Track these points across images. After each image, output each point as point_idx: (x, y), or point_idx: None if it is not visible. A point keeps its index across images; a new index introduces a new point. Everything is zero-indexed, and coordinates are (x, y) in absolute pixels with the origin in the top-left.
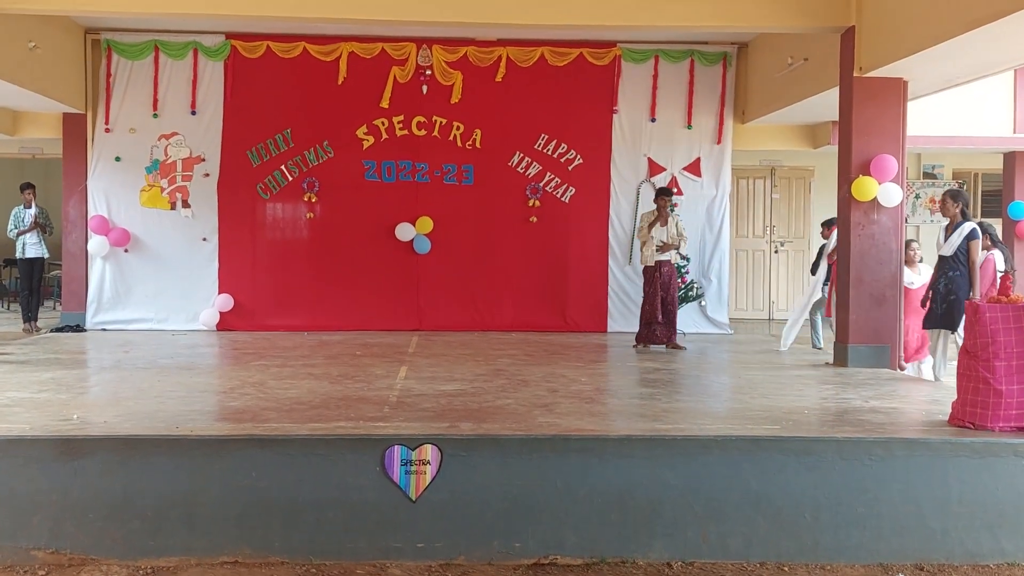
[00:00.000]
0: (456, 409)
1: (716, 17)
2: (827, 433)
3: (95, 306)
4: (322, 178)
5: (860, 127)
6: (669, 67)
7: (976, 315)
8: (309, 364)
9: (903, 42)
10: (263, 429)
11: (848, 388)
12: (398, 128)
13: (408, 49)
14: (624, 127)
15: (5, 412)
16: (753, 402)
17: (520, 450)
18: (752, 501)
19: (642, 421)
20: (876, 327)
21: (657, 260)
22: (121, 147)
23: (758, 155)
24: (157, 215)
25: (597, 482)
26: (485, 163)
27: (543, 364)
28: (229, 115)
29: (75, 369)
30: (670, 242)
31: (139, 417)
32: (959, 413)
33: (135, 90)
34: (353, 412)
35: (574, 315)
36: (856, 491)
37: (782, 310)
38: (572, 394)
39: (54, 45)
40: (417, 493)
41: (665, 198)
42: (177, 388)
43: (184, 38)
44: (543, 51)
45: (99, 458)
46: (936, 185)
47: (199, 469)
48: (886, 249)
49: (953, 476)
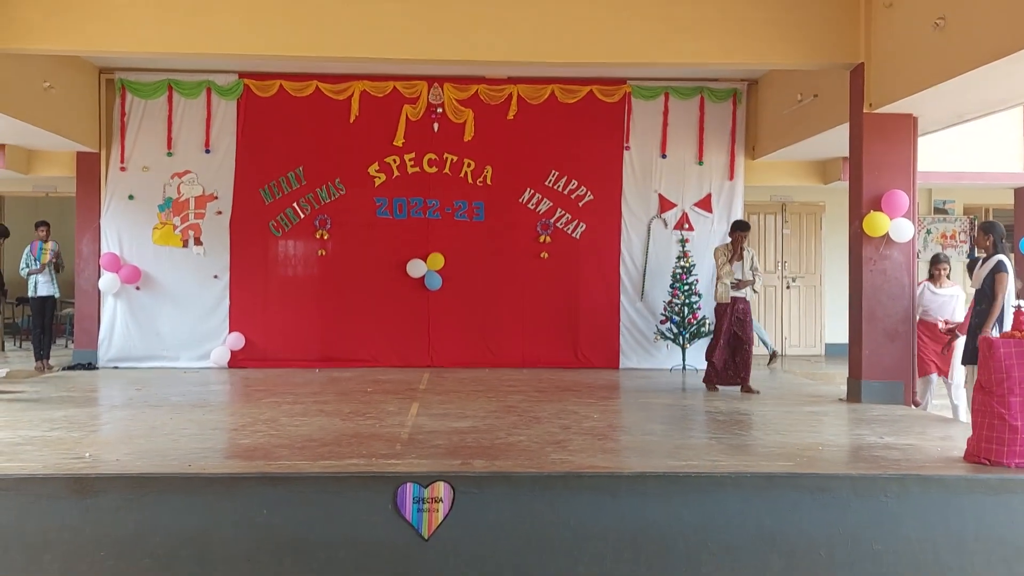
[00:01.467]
0: (468, 446)
1: (725, 54)
2: (841, 470)
3: (107, 344)
4: (334, 215)
5: (871, 163)
6: (679, 104)
7: (990, 350)
8: (321, 401)
9: (913, 78)
10: (275, 467)
11: (862, 424)
12: (409, 165)
13: (419, 87)
14: (635, 163)
15: (17, 450)
16: (766, 438)
17: (533, 487)
18: (767, 538)
19: (655, 458)
20: (889, 363)
21: (732, 296)
22: (134, 185)
23: (769, 191)
24: (169, 252)
25: (610, 520)
26: (496, 200)
27: (555, 400)
28: (242, 153)
29: (87, 407)
30: (744, 278)
31: (151, 455)
32: (974, 449)
33: (148, 129)
34: (365, 449)
35: (586, 351)
36: (871, 528)
37: (794, 346)
38: (585, 431)
39: (69, 85)
40: (430, 531)
41: (741, 233)
42: (189, 426)
43: (197, 77)
44: (553, 88)
45: (111, 496)
46: (947, 220)
47: (211, 507)
48: (898, 284)
49: (969, 513)
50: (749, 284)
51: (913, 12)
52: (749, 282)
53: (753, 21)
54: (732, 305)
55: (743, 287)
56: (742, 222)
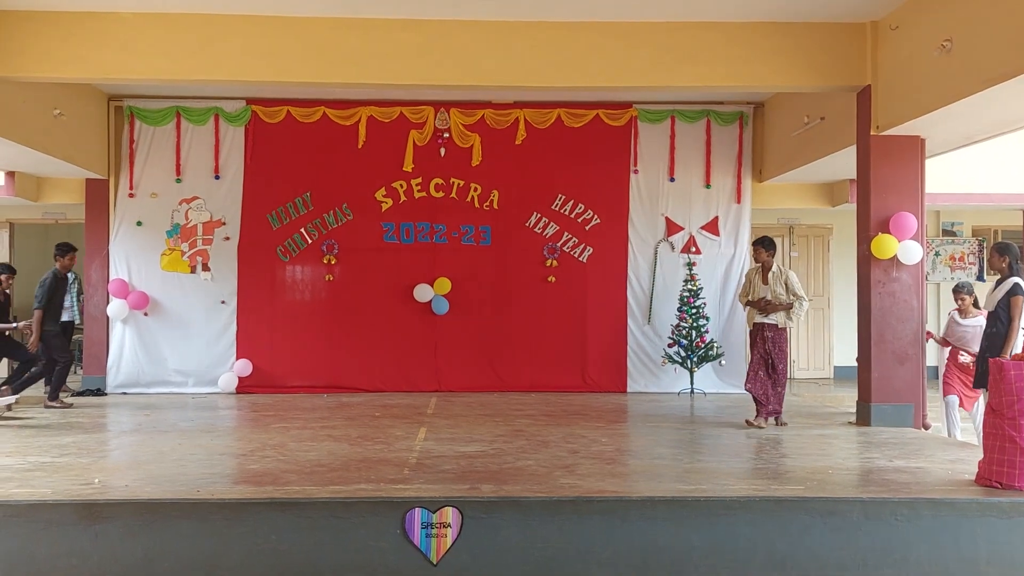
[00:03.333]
0: (476, 471)
1: (732, 77)
2: (852, 493)
3: (115, 370)
4: (341, 240)
5: (878, 185)
6: (685, 127)
7: (1001, 373)
8: (329, 426)
9: (919, 101)
10: (283, 492)
11: (871, 447)
12: (416, 190)
13: (426, 113)
14: (641, 187)
15: (27, 476)
16: (776, 462)
17: (542, 512)
18: (777, 563)
19: (665, 482)
20: (899, 386)
21: (756, 322)
22: (143, 211)
23: (776, 213)
24: (177, 279)
25: (620, 544)
26: (503, 224)
27: (563, 424)
28: (249, 179)
29: (96, 433)
30: (774, 300)
31: (160, 481)
32: (985, 472)
33: (157, 155)
34: (373, 474)
35: (593, 375)
36: (883, 552)
37: (803, 369)
38: (593, 455)
39: (78, 112)
40: (438, 556)
41: (758, 248)
42: (197, 451)
43: (205, 104)
44: (559, 113)
45: (120, 522)
46: (956, 242)
47: (220, 533)
48: (907, 307)
49: (981, 536)
50: (780, 308)
51: (919, 35)
52: (778, 306)
53: (759, 45)
54: (758, 331)
55: (769, 311)
56: (761, 238)
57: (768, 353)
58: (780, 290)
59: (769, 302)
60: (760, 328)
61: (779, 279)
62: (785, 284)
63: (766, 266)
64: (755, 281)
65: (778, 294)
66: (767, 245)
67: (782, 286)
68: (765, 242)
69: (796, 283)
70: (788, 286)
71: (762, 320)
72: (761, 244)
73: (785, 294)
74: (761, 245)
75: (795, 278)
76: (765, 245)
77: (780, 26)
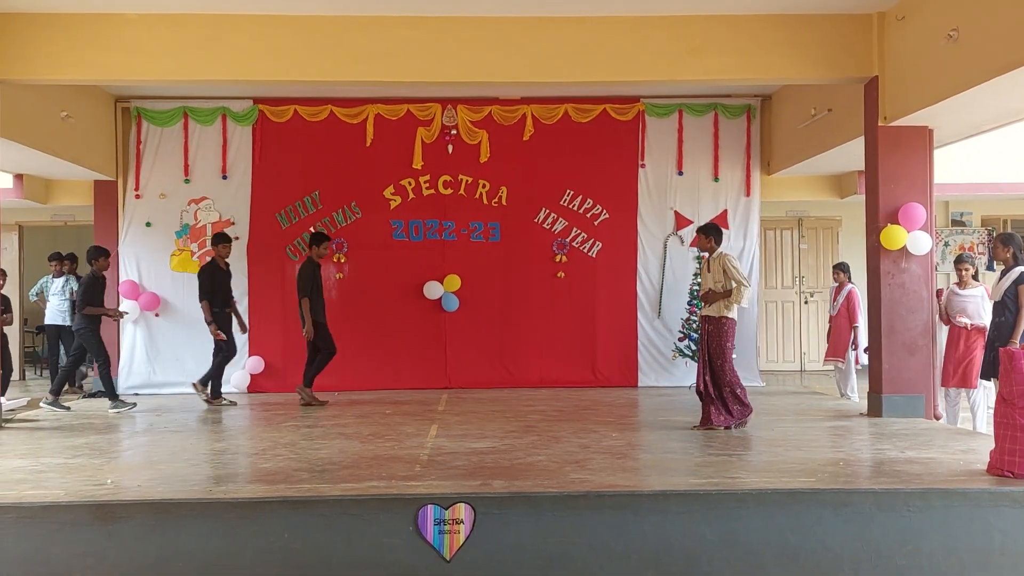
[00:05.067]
0: (488, 467)
1: (739, 70)
2: (864, 485)
3: (127, 371)
4: (350, 239)
5: (886, 176)
6: (693, 120)
7: (1011, 362)
8: (340, 424)
9: (927, 91)
10: (296, 490)
11: (883, 439)
12: (425, 187)
13: (433, 110)
14: (650, 181)
15: (40, 477)
16: (787, 454)
17: (554, 507)
18: (791, 555)
19: (676, 476)
20: (909, 376)
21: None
22: (151, 212)
23: (785, 206)
24: (187, 279)
25: (632, 538)
26: (511, 220)
27: (574, 420)
28: (257, 178)
29: (108, 434)
30: (714, 288)
31: (173, 481)
32: (997, 462)
33: (165, 156)
34: (385, 471)
35: (604, 370)
36: (896, 543)
37: (813, 361)
38: (604, 449)
39: (85, 114)
40: (451, 552)
41: (697, 235)
42: (210, 451)
43: (212, 104)
44: (567, 108)
45: (133, 522)
46: (965, 232)
47: (233, 532)
48: (917, 297)
49: (994, 526)
50: (717, 298)
51: (926, 25)
52: (716, 295)
53: (766, 37)
54: (701, 325)
55: (708, 301)
56: (703, 225)
57: (707, 349)
58: (719, 276)
59: (710, 292)
60: (702, 322)
61: (717, 264)
62: (723, 269)
63: (704, 253)
64: (703, 271)
65: (718, 281)
66: (706, 231)
67: (720, 271)
68: (703, 228)
69: (732, 266)
70: (725, 270)
71: (703, 313)
72: (700, 230)
73: (724, 280)
74: (700, 231)
75: (733, 260)
76: (704, 231)
77: (787, 18)
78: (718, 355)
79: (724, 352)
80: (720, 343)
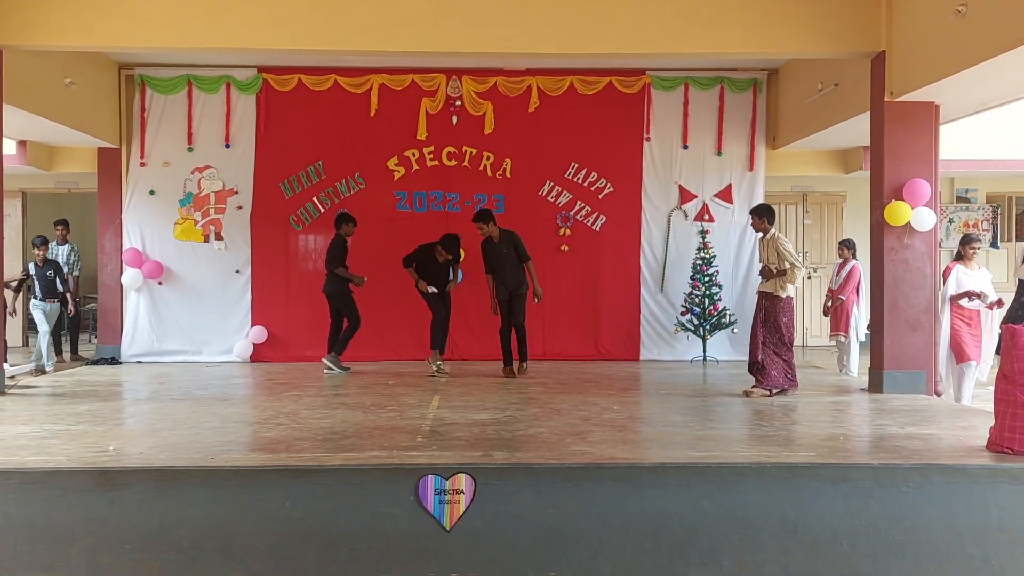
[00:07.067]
0: (489, 438)
1: (746, 43)
2: (863, 460)
3: (130, 338)
4: (354, 209)
5: (892, 152)
6: (699, 94)
7: (1013, 339)
8: (342, 394)
9: (934, 66)
10: (297, 459)
11: (883, 415)
12: (429, 159)
13: (438, 80)
14: (655, 154)
15: (43, 444)
16: (788, 429)
17: (554, 479)
18: (789, 529)
19: (676, 449)
20: (911, 353)
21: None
22: (155, 180)
23: (789, 181)
24: (191, 248)
25: (632, 510)
26: (516, 192)
27: (575, 392)
28: (261, 148)
29: (111, 401)
30: (769, 267)
31: (175, 448)
32: (997, 439)
33: (168, 124)
34: (386, 441)
35: (606, 343)
36: (894, 518)
37: (815, 336)
38: (605, 422)
39: (89, 81)
40: (451, 522)
41: (751, 216)
42: (212, 419)
43: (216, 72)
44: (572, 80)
45: (135, 489)
46: (970, 209)
47: (234, 500)
48: (920, 274)
49: (993, 502)
50: (771, 276)
51: None
52: (770, 273)
53: (774, 10)
54: (758, 299)
55: (765, 277)
56: (755, 207)
57: (763, 322)
58: (773, 257)
59: (765, 268)
60: (759, 296)
61: (770, 246)
62: (776, 251)
63: (760, 234)
64: (759, 249)
65: (772, 261)
66: (759, 212)
67: (773, 253)
68: (756, 209)
69: (785, 249)
70: (778, 252)
71: (761, 288)
72: (753, 212)
73: (777, 261)
74: (753, 213)
75: (786, 244)
76: (757, 212)
77: None
78: (775, 329)
79: (780, 327)
80: (776, 318)
